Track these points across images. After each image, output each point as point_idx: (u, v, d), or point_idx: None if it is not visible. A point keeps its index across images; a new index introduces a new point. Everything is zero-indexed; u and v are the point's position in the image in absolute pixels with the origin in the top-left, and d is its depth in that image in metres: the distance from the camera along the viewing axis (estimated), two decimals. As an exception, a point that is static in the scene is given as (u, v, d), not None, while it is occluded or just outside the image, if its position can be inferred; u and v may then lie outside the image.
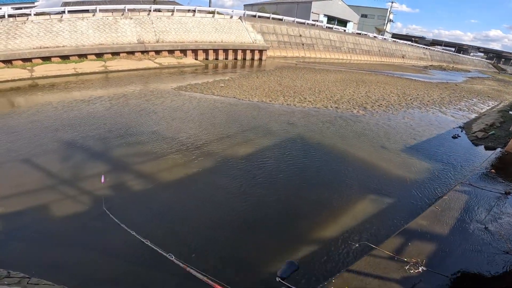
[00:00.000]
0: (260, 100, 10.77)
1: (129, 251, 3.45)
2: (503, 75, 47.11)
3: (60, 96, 9.80)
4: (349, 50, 34.16)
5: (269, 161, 6.04)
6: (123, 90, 11.04)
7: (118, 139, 6.54)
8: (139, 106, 9.07)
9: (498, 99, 17.94)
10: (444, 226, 3.83)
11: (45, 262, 3.32)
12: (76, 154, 5.72)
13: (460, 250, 3.39)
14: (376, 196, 5.11)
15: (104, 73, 13.89)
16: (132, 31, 17.77)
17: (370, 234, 4.10)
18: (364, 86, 15.91)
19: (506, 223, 4.07)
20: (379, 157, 6.85)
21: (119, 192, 4.68)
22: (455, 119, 11.37)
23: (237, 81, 13.96)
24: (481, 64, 59.51)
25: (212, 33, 21.74)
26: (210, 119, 8.35)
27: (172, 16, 20.21)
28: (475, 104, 15.16)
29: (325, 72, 20.23)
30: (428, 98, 14.86)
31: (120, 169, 5.33)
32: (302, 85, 14.33)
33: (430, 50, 49.44)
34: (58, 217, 4.02)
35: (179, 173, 5.30)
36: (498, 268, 3.16)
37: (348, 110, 10.74)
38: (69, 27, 15.47)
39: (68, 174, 5.03)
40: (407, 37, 63.33)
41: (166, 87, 11.94)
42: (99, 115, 8.00)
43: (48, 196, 4.41)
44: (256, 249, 3.75)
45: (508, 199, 4.76)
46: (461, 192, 4.87)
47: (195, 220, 4.13)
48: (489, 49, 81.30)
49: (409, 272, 2.92)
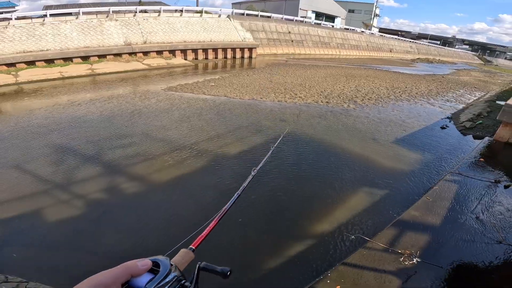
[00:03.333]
0: (251, 98, 10.73)
1: (126, 253, 3.38)
2: (488, 67, 48.14)
3: (47, 101, 9.56)
4: (338, 45, 34.37)
5: (261, 158, 6.01)
6: (111, 92, 10.84)
7: (108, 141, 6.42)
8: (128, 107, 8.91)
9: (484, 89, 18.30)
10: (436, 216, 3.87)
11: (43, 266, 3.25)
12: (67, 158, 5.58)
13: (453, 240, 3.42)
14: (368, 188, 5.15)
15: (91, 76, 13.62)
16: (118, 33, 17.47)
17: (364, 226, 4.12)
18: (353, 81, 16.03)
19: (497, 212, 4.13)
20: (370, 150, 6.91)
21: (115, 194, 4.59)
22: (443, 110, 11.55)
23: (227, 80, 13.88)
24: (467, 56, 60.66)
25: (201, 33, 21.55)
26: (201, 118, 8.27)
27: (159, 17, 19.95)
28: (462, 95, 15.43)
29: (315, 67, 20.29)
30: (416, 90, 15.06)
31: (112, 171, 5.22)
32: (293, 82, 14.34)
33: (417, 44, 50.14)
34: (54, 221, 3.94)
35: (171, 173, 5.23)
36: (492, 258, 3.19)
37: (339, 104, 10.81)
38: (52, 30, 15.10)
39: (60, 178, 4.92)
40: (393, 31, 64.23)
41: (156, 88, 11.78)
42: (88, 118, 7.83)
43: (42, 200, 4.32)
44: (246, 243, 3.73)
45: (497, 188, 4.85)
46: (451, 182, 4.94)
47: (189, 220, 4.08)
48: (474, 41, 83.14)
49: (404, 263, 2.94)
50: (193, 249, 0.87)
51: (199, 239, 0.95)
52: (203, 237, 0.97)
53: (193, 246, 0.89)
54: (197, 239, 0.95)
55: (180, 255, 0.81)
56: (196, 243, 0.92)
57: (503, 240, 3.45)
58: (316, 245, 3.73)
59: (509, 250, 3.32)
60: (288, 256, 3.46)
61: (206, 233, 0.99)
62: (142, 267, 0.59)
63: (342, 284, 2.70)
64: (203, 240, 0.96)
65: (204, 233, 0.99)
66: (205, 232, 1.00)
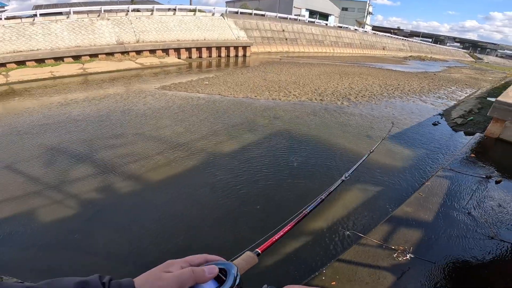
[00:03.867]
0: (245, 96, 10.72)
1: (121, 253, 3.36)
2: (479, 64, 48.79)
3: (38, 101, 9.41)
4: (332, 43, 34.50)
5: (255, 155, 6.02)
6: (104, 92, 10.72)
7: (102, 141, 6.36)
8: (121, 107, 8.83)
9: (475, 86, 18.58)
10: (429, 212, 3.92)
11: (39, 266, 3.22)
12: (59, 158, 5.51)
13: (446, 236, 3.47)
14: (362, 185, 5.20)
15: (83, 76, 13.44)
16: (110, 32, 17.27)
17: (358, 222, 4.16)
18: (347, 78, 16.13)
19: (489, 207, 4.20)
20: (364, 146, 6.97)
21: (108, 193, 4.55)
22: (435, 107, 11.70)
23: (221, 78, 13.83)
24: (458, 54, 61.43)
25: (195, 31, 21.42)
26: (195, 116, 8.23)
27: (152, 16, 19.77)
28: (453, 92, 15.64)
29: (308, 65, 20.34)
30: (408, 87, 15.22)
31: (104, 172, 5.17)
32: (287, 79, 14.36)
33: (409, 41, 50.64)
34: (48, 221, 3.90)
35: (166, 172, 5.20)
36: (485, 254, 3.24)
37: (333, 102, 10.87)
38: (42, 30, 14.87)
39: (53, 178, 4.86)
40: (386, 29, 64.76)
41: (149, 87, 11.69)
42: (81, 118, 7.73)
43: (35, 201, 4.28)
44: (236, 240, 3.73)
45: (489, 183, 4.93)
46: (443, 178, 5.01)
47: (183, 218, 4.07)
48: (465, 39, 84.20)
49: (398, 259, 2.98)
50: (259, 253, 0.79)
51: (268, 243, 0.86)
52: (272, 242, 0.87)
53: (259, 250, 0.80)
54: (265, 244, 0.85)
55: (244, 258, 0.73)
56: (263, 248, 0.83)
57: (495, 236, 3.51)
58: (311, 241, 3.75)
59: (501, 245, 3.38)
60: (283, 253, 3.48)
61: (277, 237, 0.89)
62: (209, 275, 0.55)
63: (338, 281, 2.72)
64: (271, 245, 0.86)
65: (275, 238, 0.89)
66: (276, 237, 0.89)
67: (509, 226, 3.80)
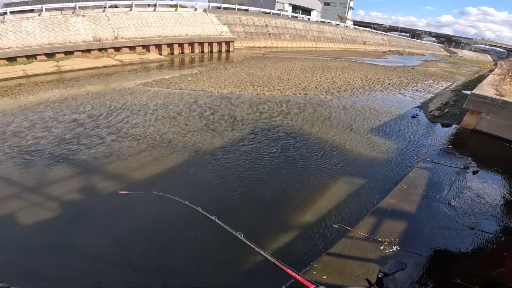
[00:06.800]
0: (229, 92, 10.63)
1: (116, 251, 3.26)
2: (454, 58, 50.79)
3: (10, 100, 8.88)
4: (314, 38, 34.74)
5: (239, 152, 6.00)
6: (81, 90, 10.27)
7: (82, 140, 6.12)
8: (100, 105, 8.50)
9: (451, 79, 19.34)
10: (412, 204, 4.06)
11: (24, 270, 3.10)
12: (38, 160, 5.24)
13: (429, 227, 3.60)
14: (346, 177, 5.32)
15: (58, 73, 12.80)
16: (86, 28, 16.56)
17: (345, 215, 4.25)
18: (330, 72, 16.34)
19: (468, 198, 4.38)
20: (347, 139, 7.14)
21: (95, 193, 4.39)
22: (413, 100, 12.10)
23: (205, 74, 13.63)
24: (434, 48, 63.57)
25: (176, 27, 20.91)
26: (179, 113, 8.08)
27: (130, 12, 19.12)
28: (430, 85, 16.21)
29: (292, 60, 20.42)
30: (388, 81, 15.63)
31: (88, 171, 4.99)
32: (271, 74, 14.36)
33: (388, 36, 51.82)
34: (31, 224, 3.78)
35: (150, 170, 5.09)
36: (466, 244, 3.39)
37: (316, 96, 10.99)
38: (13, 27, 14.08)
39: (34, 180, 4.71)
40: (367, 24, 65.98)
41: (130, 84, 11.32)
42: (57, 117, 7.37)
43: (17, 203, 4.15)
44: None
45: (467, 173, 5.16)
46: (423, 169, 5.19)
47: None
48: (440, 33, 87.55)
49: (385, 251, 3.06)
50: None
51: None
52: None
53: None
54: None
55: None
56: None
57: (475, 226, 3.68)
58: (299, 235, 3.80)
59: (481, 236, 3.55)
60: (273, 248, 3.50)
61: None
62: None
63: (328, 274, 2.77)
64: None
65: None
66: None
67: (488, 216, 4.00)
